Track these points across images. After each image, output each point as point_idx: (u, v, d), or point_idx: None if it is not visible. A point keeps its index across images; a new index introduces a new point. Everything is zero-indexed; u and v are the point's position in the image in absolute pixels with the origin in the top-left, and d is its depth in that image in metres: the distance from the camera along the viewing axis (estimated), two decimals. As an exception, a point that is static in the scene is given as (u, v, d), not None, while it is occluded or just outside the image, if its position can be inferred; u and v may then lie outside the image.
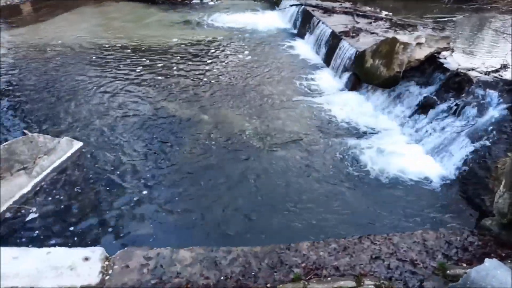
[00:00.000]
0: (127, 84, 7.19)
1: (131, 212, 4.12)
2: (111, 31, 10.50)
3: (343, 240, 3.17)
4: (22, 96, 6.62)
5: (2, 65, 7.94)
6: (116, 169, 4.75)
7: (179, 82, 7.34)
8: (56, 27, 10.72)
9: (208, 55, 8.84)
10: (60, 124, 5.73)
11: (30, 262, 2.93)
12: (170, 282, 2.75)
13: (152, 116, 6.04)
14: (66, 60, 8.29)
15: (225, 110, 6.34)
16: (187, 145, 5.31)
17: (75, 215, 4.02)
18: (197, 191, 4.48)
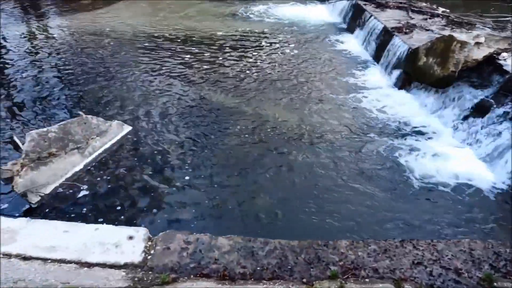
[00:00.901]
0: (174, 72, 7.38)
1: (173, 197, 4.25)
2: (162, 20, 10.78)
3: (384, 242, 3.08)
4: (77, 79, 6.99)
5: (61, 49, 8.42)
6: (160, 154, 4.92)
7: (224, 72, 7.42)
8: (110, 15, 11.17)
9: (253, 47, 8.86)
10: (110, 107, 6.00)
11: (79, 236, 3.11)
12: (208, 268, 2.81)
13: (196, 105, 6.17)
14: (119, 46, 8.63)
15: (268, 103, 6.34)
16: (229, 135, 5.38)
17: (121, 195, 4.21)
18: (236, 181, 4.54)
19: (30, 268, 2.74)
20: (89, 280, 2.61)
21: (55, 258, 2.86)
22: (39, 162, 4.00)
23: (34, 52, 8.35)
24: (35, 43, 8.99)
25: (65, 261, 2.83)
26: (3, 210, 3.79)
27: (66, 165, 4.24)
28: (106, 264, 2.82)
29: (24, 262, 2.81)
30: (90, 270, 2.77)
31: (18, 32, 9.65)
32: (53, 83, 6.81)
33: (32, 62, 7.79)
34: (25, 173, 3.84)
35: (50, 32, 9.78)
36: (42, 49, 8.57)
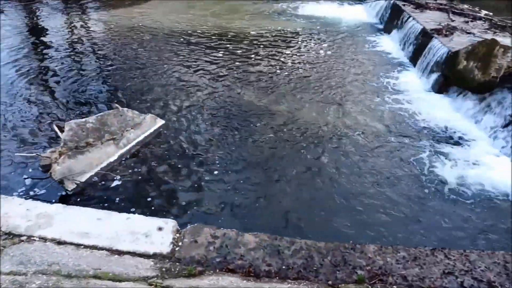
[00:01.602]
0: (207, 68, 7.47)
1: (201, 191, 4.31)
2: (195, 17, 10.93)
3: (414, 250, 3.00)
4: (113, 72, 7.21)
5: (99, 43, 8.71)
6: (191, 148, 5.00)
7: (256, 70, 7.44)
8: (146, 11, 11.44)
9: (287, 46, 8.83)
10: (145, 101, 6.15)
11: (111, 224, 3.21)
12: (234, 263, 2.84)
13: (227, 101, 6.22)
14: (154, 41, 8.83)
15: (299, 102, 6.31)
16: (259, 133, 5.40)
17: (152, 187, 4.32)
18: (264, 179, 4.55)
19: (63, 253, 2.85)
20: (119, 267, 2.69)
21: (88, 244, 2.96)
22: (77, 151, 4.17)
23: (74, 45, 8.69)
24: (75, 36, 9.34)
25: (97, 247, 2.93)
26: (41, 195, 3.97)
27: (102, 155, 4.39)
28: (136, 253, 2.90)
29: (58, 247, 2.93)
30: (120, 258, 2.85)
31: (60, 25, 10.07)
32: (91, 75, 7.06)
33: (72, 55, 8.10)
34: (62, 161, 4.01)
35: (89, 25, 10.14)
36: (82, 42, 8.90)
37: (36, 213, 3.21)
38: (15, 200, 3.41)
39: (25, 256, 2.70)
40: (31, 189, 4.06)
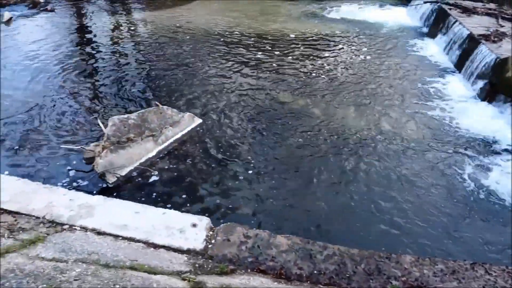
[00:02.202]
0: (245, 69, 7.53)
1: (235, 191, 4.36)
2: (235, 19, 11.03)
3: (453, 263, 2.89)
4: (155, 70, 7.43)
5: (142, 42, 8.99)
6: (226, 148, 5.06)
7: (294, 72, 7.42)
8: (188, 12, 11.68)
9: (326, 49, 8.74)
10: (184, 99, 6.29)
11: (148, 218, 3.31)
12: (265, 264, 2.84)
13: (265, 103, 6.24)
14: (194, 42, 8.99)
15: (336, 105, 6.22)
16: (295, 135, 5.38)
17: (187, 184, 4.41)
18: (298, 181, 4.53)
19: (103, 243, 2.97)
20: (154, 260, 2.77)
21: (126, 236, 3.07)
22: (118, 146, 4.33)
23: (117, 43, 9.02)
24: (119, 34, 9.70)
25: (134, 240, 3.03)
26: (83, 187, 4.16)
27: (142, 150, 4.53)
28: (171, 247, 2.97)
29: (98, 237, 3.06)
30: (155, 251, 2.94)
31: (105, 24, 10.49)
32: (133, 73, 7.30)
33: (115, 53, 8.42)
34: (105, 155, 4.18)
35: (133, 25, 10.50)
36: (125, 40, 9.23)
37: (78, 204, 3.36)
38: (60, 190, 3.59)
39: (66, 244, 2.84)
40: (75, 180, 4.26)
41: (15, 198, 3.37)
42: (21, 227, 3.05)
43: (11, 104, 5.87)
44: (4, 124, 5.32)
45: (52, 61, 7.64)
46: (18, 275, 2.22)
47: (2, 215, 3.24)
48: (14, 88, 6.43)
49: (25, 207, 3.26)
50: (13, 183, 3.62)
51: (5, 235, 2.90)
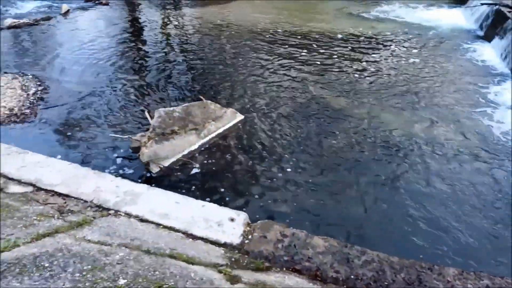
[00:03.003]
0: (288, 67, 7.49)
1: (272, 188, 4.35)
2: (281, 16, 11.00)
3: (500, 280, 2.73)
4: (200, 65, 7.57)
5: (189, 37, 9.19)
6: (267, 145, 5.07)
7: (338, 72, 7.29)
8: (234, 9, 11.80)
9: (372, 49, 8.51)
10: (227, 95, 6.37)
11: (188, 209, 3.38)
12: (301, 264, 2.83)
13: (306, 102, 6.18)
14: (239, 38, 9.07)
15: (380, 108, 6.05)
16: (336, 136, 5.29)
17: (226, 178, 4.47)
18: (337, 183, 4.45)
19: (145, 230, 3.08)
20: (192, 251, 2.83)
21: (166, 225, 3.16)
22: (163, 137, 4.46)
23: (165, 38, 9.28)
24: (167, 29, 9.98)
25: (174, 229, 3.12)
26: (129, 174, 4.33)
27: (184, 143, 4.64)
28: (208, 239, 3.03)
29: (140, 224, 3.17)
30: (193, 242, 3.00)
31: (155, 18, 10.83)
32: (179, 67, 7.49)
33: (163, 46, 8.66)
34: (150, 145, 4.32)
35: (181, 20, 10.75)
36: (173, 35, 9.48)
37: (124, 190, 3.50)
38: (107, 176, 3.76)
39: (111, 228, 2.97)
40: (121, 168, 4.45)
41: (66, 181, 3.57)
42: (70, 209, 3.22)
43: (65, 92, 6.22)
44: (58, 111, 5.65)
45: (103, 53, 7.99)
46: (65, 255, 2.35)
47: (53, 197, 3.45)
48: (68, 77, 6.81)
49: (75, 191, 3.45)
50: (64, 167, 3.83)
51: (55, 216, 3.08)
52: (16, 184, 3.50)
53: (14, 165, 3.71)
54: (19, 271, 2.10)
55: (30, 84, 6.27)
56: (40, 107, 5.71)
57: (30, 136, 5.03)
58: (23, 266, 2.16)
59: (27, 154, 3.96)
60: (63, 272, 2.13)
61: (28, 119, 5.38)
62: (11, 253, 2.31)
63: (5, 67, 7.03)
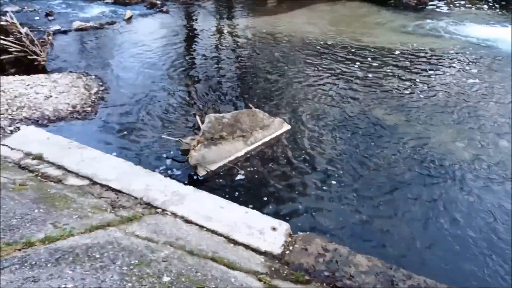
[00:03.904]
0: (338, 80, 7.40)
1: (316, 201, 4.30)
2: (335, 29, 10.91)
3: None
4: (250, 74, 7.68)
5: (241, 46, 9.37)
6: (312, 157, 5.02)
7: (390, 88, 7.08)
8: (288, 19, 11.87)
9: (428, 66, 8.19)
10: (275, 104, 6.40)
11: (231, 214, 3.44)
12: (342, 281, 2.77)
13: (356, 116, 6.06)
14: (291, 49, 9.11)
15: (433, 127, 5.79)
16: (385, 153, 5.13)
17: (270, 187, 4.47)
18: (382, 202, 4.30)
19: (189, 231, 3.16)
20: (233, 256, 2.86)
21: (209, 227, 3.23)
22: (211, 142, 4.57)
23: (218, 45, 9.54)
24: (221, 37, 10.25)
25: (217, 233, 3.18)
26: (177, 175, 4.47)
27: (231, 149, 4.73)
28: (249, 246, 3.05)
29: (185, 224, 3.26)
30: (235, 247, 3.04)
31: (210, 26, 11.17)
32: (230, 75, 7.65)
33: (216, 54, 8.90)
34: (199, 149, 4.44)
35: (235, 29, 10.99)
36: (226, 43, 9.72)
37: (171, 190, 3.63)
38: (157, 176, 3.92)
39: (158, 226, 3.08)
40: (170, 168, 4.60)
41: (119, 177, 3.77)
42: (122, 204, 3.38)
43: (123, 93, 6.57)
44: (116, 111, 5.97)
45: (160, 57, 8.36)
46: (115, 248, 2.47)
47: (107, 191, 3.64)
48: (127, 78, 7.19)
49: (127, 187, 3.62)
50: (118, 164, 4.05)
51: (108, 209, 3.25)
52: (74, 177, 3.75)
53: (74, 159, 3.97)
54: (72, 260, 2.23)
55: (92, 84, 6.70)
56: (100, 106, 6.07)
57: (89, 133, 5.35)
58: (76, 255, 2.29)
59: (85, 149, 4.23)
60: (112, 264, 2.24)
61: (88, 116, 5.74)
62: (66, 242, 2.46)
63: (71, 67, 7.57)
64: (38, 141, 4.25)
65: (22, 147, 4.12)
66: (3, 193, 3.00)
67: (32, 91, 6.05)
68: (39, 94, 6.00)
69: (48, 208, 2.88)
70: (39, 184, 3.44)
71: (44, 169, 3.77)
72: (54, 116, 5.54)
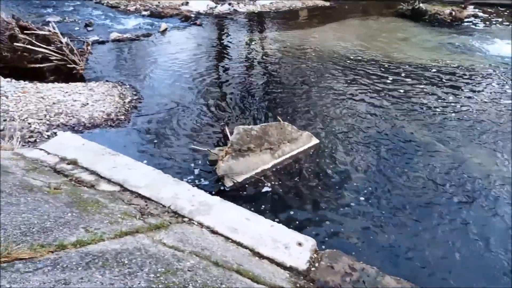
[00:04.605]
0: (369, 95, 7.31)
1: (343, 217, 4.22)
2: (369, 43, 10.84)
3: None
4: (279, 87, 7.72)
5: (270, 59, 9.44)
6: (340, 173, 4.95)
7: (424, 105, 6.93)
8: (319, 34, 11.91)
9: (462, 84, 7.96)
10: (303, 118, 6.39)
11: (257, 227, 3.42)
12: (369, 302, 2.69)
13: (386, 131, 5.96)
14: (320, 63, 9.10)
15: (469, 147, 5.59)
16: (416, 172, 4.99)
17: (295, 201, 4.44)
18: (414, 223, 4.17)
19: (214, 241, 3.17)
20: (258, 269, 2.84)
21: (235, 239, 3.22)
22: (239, 154, 4.61)
23: (249, 59, 9.66)
24: (252, 51, 10.38)
25: (242, 245, 3.17)
26: (204, 185, 4.51)
27: (259, 161, 4.74)
28: (274, 260, 3.03)
29: (211, 235, 3.28)
30: (260, 261, 3.02)
31: (241, 39, 11.34)
32: (260, 87, 7.72)
33: (246, 67, 9.01)
34: (227, 160, 4.48)
35: (265, 42, 11.12)
36: (256, 56, 9.83)
37: (199, 200, 3.66)
38: (185, 185, 3.96)
39: (184, 235, 3.10)
40: (197, 178, 4.66)
41: (149, 185, 3.84)
42: (150, 212, 3.44)
43: (155, 103, 6.74)
44: (148, 120, 6.13)
45: (192, 69, 8.55)
46: (143, 255, 2.51)
47: (136, 198, 3.72)
48: (160, 89, 7.38)
49: (155, 195, 3.68)
50: (148, 172, 4.13)
51: (137, 216, 3.31)
52: (106, 182, 3.85)
53: (106, 165, 4.09)
54: (102, 264, 2.28)
55: (127, 93, 6.92)
56: (133, 114, 6.26)
57: (122, 140, 5.51)
58: (106, 260, 2.34)
59: (118, 156, 4.34)
60: (139, 271, 2.28)
61: (122, 124, 5.92)
62: (97, 246, 2.52)
63: (107, 76, 7.86)
64: (73, 146, 4.40)
65: (58, 152, 4.28)
66: (38, 196, 3.12)
67: (70, 98, 6.32)
68: (76, 101, 6.25)
69: (80, 212, 2.97)
70: (72, 188, 3.55)
71: (78, 174, 3.89)
72: (89, 123, 5.76)
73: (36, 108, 5.80)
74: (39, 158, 4.15)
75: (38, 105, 5.90)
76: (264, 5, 15.48)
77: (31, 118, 5.53)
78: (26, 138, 5.08)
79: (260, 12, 14.82)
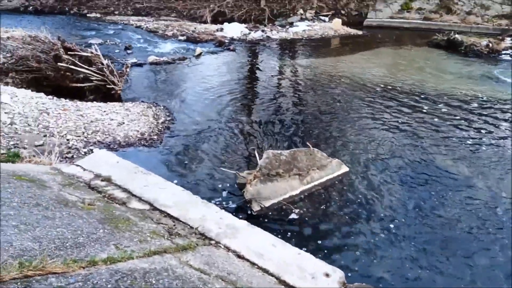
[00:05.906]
0: (401, 125, 7.19)
1: (371, 249, 4.09)
2: (402, 73, 10.74)
3: None
4: (308, 113, 7.73)
5: (300, 85, 9.51)
6: (370, 202, 4.84)
7: (457, 138, 6.71)
8: (352, 61, 11.94)
9: (498, 116, 7.70)
10: (333, 145, 6.35)
11: (284, 254, 3.37)
12: None
13: (417, 162, 5.81)
14: (351, 91, 9.08)
15: (504, 184, 5.35)
16: (451, 207, 4.80)
17: (324, 229, 4.36)
18: (447, 260, 3.98)
19: (240, 266, 3.15)
20: (283, 298, 2.79)
21: (261, 265, 3.19)
22: (267, 178, 4.61)
23: (280, 84, 9.78)
24: (283, 76, 10.51)
25: (268, 272, 3.13)
26: (231, 208, 4.52)
27: (287, 186, 4.72)
28: (301, 291, 2.96)
29: (237, 259, 3.26)
30: (285, 290, 2.96)
31: (272, 65, 11.53)
32: (290, 113, 7.76)
33: (277, 92, 9.11)
34: (255, 184, 4.49)
35: (297, 69, 11.25)
36: (287, 82, 9.95)
37: (226, 223, 3.67)
38: (213, 207, 3.99)
39: (211, 258, 3.10)
40: (225, 200, 4.68)
41: (177, 205, 3.89)
42: (178, 232, 3.47)
43: (188, 124, 6.91)
44: (179, 141, 6.28)
45: (224, 92, 8.74)
46: (170, 276, 2.52)
47: (165, 218, 3.77)
48: (192, 111, 7.57)
49: (184, 215, 3.72)
50: (178, 192, 4.19)
51: (165, 236, 3.35)
52: (137, 200, 3.94)
53: (138, 183, 4.19)
54: (130, 283, 2.31)
55: (160, 114, 7.13)
56: (165, 135, 6.42)
57: (154, 159, 5.65)
58: (134, 278, 2.37)
59: (149, 175, 4.45)
60: (166, 292, 2.29)
61: (154, 144, 6.08)
62: (126, 264, 2.56)
63: (143, 97, 8.15)
64: (108, 164, 4.55)
65: (94, 168, 4.43)
66: (73, 211, 3.23)
67: (107, 117, 6.58)
68: (113, 120, 6.50)
69: (112, 229, 3.04)
70: (105, 205, 3.65)
71: (111, 191, 4.01)
72: (124, 142, 5.95)
73: (75, 125, 6.07)
74: (75, 174, 4.31)
75: (77, 122, 6.16)
76: (296, 32, 15.74)
77: (70, 134, 5.78)
78: (64, 154, 5.29)
79: (293, 39, 15.07)
